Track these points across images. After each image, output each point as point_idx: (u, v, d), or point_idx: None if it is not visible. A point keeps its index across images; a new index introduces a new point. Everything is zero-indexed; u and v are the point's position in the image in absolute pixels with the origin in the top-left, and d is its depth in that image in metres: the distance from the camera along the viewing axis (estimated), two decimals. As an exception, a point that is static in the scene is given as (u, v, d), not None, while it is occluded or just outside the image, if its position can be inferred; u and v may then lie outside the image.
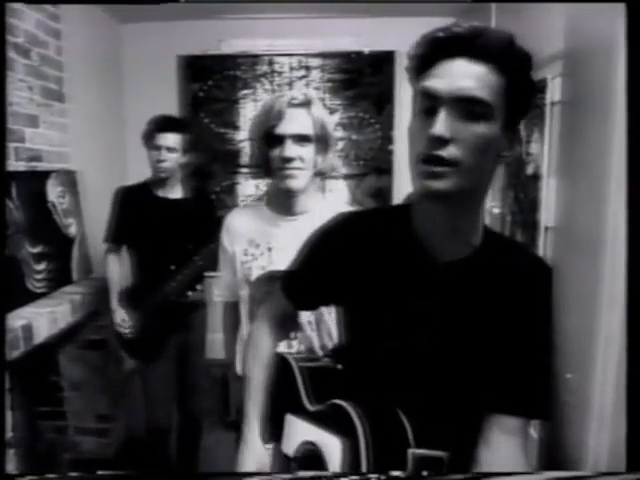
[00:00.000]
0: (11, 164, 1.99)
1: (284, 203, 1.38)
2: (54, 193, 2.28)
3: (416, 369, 0.83)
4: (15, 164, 2.03)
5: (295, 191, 1.33)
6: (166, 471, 2.22)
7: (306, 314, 1.36)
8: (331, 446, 0.82)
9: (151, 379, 2.21)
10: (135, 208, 2.18)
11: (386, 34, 3.12)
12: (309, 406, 0.94)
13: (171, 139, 2.10)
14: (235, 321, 1.49)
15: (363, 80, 3.28)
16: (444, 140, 0.71)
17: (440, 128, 0.70)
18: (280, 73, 3.30)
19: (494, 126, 0.73)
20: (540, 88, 1.88)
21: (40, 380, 2.40)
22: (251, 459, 0.99)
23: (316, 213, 1.28)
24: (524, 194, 2.15)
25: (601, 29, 1.44)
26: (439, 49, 0.73)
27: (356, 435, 0.78)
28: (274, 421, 0.99)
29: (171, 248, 2.13)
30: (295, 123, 1.29)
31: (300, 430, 0.92)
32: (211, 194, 3.20)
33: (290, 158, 1.28)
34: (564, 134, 1.77)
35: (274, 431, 0.99)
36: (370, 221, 0.92)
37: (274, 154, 1.30)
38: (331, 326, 1.38)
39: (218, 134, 3.35)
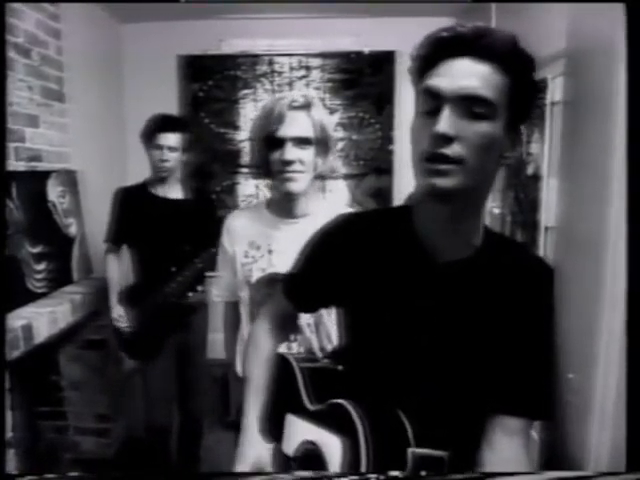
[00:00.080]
0: (11, 164, 1.99)
1: (284, 206, 1.38)
2: (54, 193, 2.28)
3: (417, 369, 0.83)
4: (15, 164, 2.03)
5: (295, 194, 1.33)
6: (166, 471, 2.22)
7: (305, 316, 1.36)
8: (331, 446, 0.81)
9: (151, 379, 2.21)
10: (135, 208, 2.18)
11: (386, 34, 3.12)
12: (309, 406, 0.94)
13: (172, 138, 2.11)
14: (235, 321, 1.49)
15: (363, 80, 3.28)
16: (448, 138, 0.71)
17: (444, 126, 0.70)
18: (280, 73, 3.30)
19: (497, 126, 0.73)
20: (540, 88, 1.88)
21: (40, 380, 2.40)
22: (251, 457, 0.98)
23: (317, 216, 1.28)
24: (524, 194, 2.14)
25: (602, 29, 1.44)
26: (443, 49, 0.73)
27: (356, 435, 0.78)
28: (274, 421, 0.99)
29: (171, 248, 2.13)
30: (295, 126, 1.29)
31: (300, 430, 0.92)
32: (211, 194, 3.20)
33: (290, 161, 1.28)
34: (566, 134, 1.77)
35: (274, 431, 0.99)
36: (371, 222, 0.92)
37: (274, 157, 1.30)
38: (330, 328, 1.38)
39: (218, 134, 3.35)
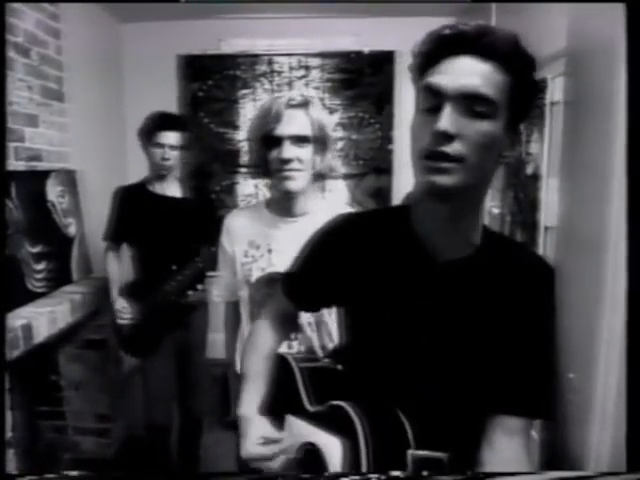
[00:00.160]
0: (11, 164, 1.99)
1: (284, 205, 1.38)
2: (54, 193, 2.28)
3: (416, 369, 0.83)
4: (15, 164, 2.03)
5: (294, 192, 1.33)
6: (166, 471, 2.22)
7: (306, 316, 1.36)
8: (331, 446, 0.81)
9: (151, 378, 2.21)
10: (134, 206, 2.18)
11: (386, 34, 3.11)
12: (309, 406, 0.94)
13: (173, 137, 2.12)
14: (235, 321, 1.49)
15: (363, 80, 3.28)
16: (449, 135, 0.70)
17: (445, 123, 0.70)
18: (280, 73, 3.29)
19: (497, 125, 0.73)
20: (540, 88, 1.88)
21: (40, 380, 2.40)
22: (256, 435, 0.96)
23: (316, 214, 1.28)
24: (524, 194, 2.14)
25: (603, 28, 1.44)
26: (444, 46, 0.73)
27: (356, 436, 0.78)
28: (274, 421, 0.99)
29: (171, 246, 2.13)
30: (293, 124, 1.29)
31: (300, 431, 0.91)
32: (211, 193, 3.20)
33: (288, 159, 1.28)
34: (566, 133, 1.77)
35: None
36: (370, 221, 0.92)
37: (272, 156, 1.30)
38: (331, 327, 1.38)
39: (217, 134, 3.35)
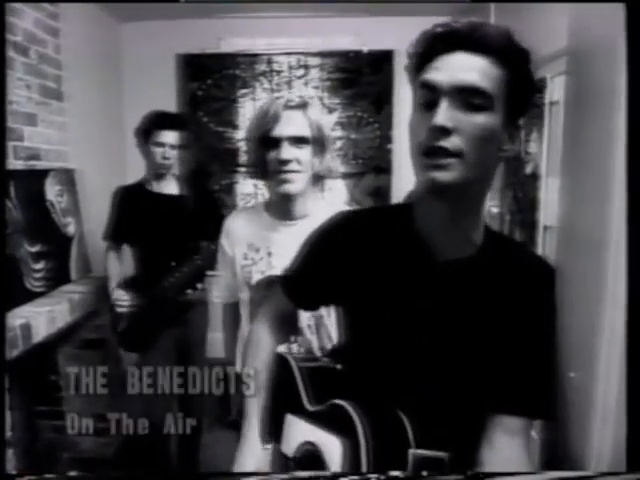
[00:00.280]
0: (10, 162, 1.98)
1: (283, 207, 1.37)
2: (52, 192, 2.28)
3: (417, 369, 0.83)
4: (14, 163, 2.02)
5: (293, 195, 1.33)
6: (166, 470, 2.22)
7: (306, 318, 1.36)
8: (331, 446, 0.81)
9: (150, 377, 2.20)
10: (133, 206, 2.19)
11: (385, 33, 3.11)
12: (309, 406, 0.94)
13: (173, 136, 2.12)
14: (235, 322, 1.49)
15: (362, 79, 3.27)
16: (446, 130, 0.71)
17: (441, 118, 0.71)
18: (279, 72, 3.29)
19: (495, 118, 0.73)
20: (539, 87, 1.88)
21: (39, 379, 2.39)
22: (250, 459, 0.98)
23: (315, 217, 1.27)
24: (523, 193, 2.14)
25: (604, 27, 1.44)
26: (438, 44, 0.74)
27: (356, 435, 0.78)
28: (274, 421, 0.99)
29: (170, 245, 2.13)
30: (291, 125, 1.28)
31: (300, 430, 0.91)
32: (212, 191, 3.20)
33: (287, 160, 1.28)
34: (566, 132, 1.76)
35: (274, 431, 0.99)
36: (370, 220, 0.92)
37: (271, 157, 1.30)
38: (331, 329, 1.38)
39: (217, 133, 3.34)
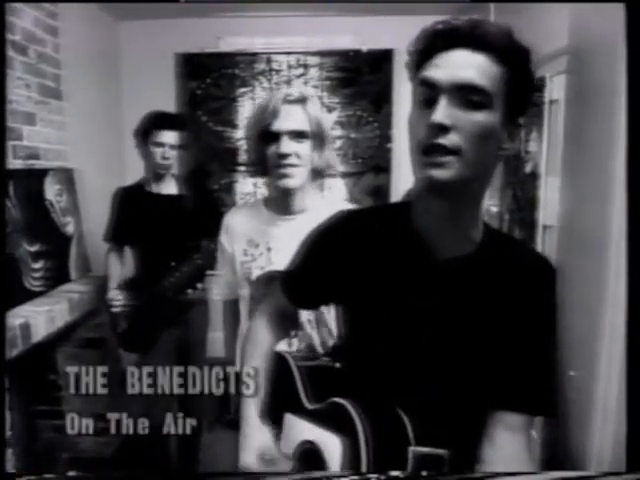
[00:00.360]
0: (9, 162, 1.98)
1: (282, 202, 1.38)
2: (52, 191, 2.27)
3: (417, 367, 0.83)
4: (13, 162, 2.02)
5: (292, 190, 1.33)
6: (165, 470, 2.21)
7: (306, 313, 1.36)
8: (331, 445, 0.81)
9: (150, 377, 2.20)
10: (133, 206, 2.19)
11: (385, 32, 3.11)
12: (308, 405, 0.94)
13: (172, 136, 2.12)
14: (235, 319, 1.49)
15: (361, 78, 3.27)
16: (445, 127, 0.71)
17: (440, 115, 0.71)
18: (278, 71, 3.28)
19: (494, 116, 0.73)
20: (539, 86, 1.88)
21: (38, 379, 2.39)
22: (255, 447, 0.97)
23: (314, 212, 1.28)
24: (522, 192, 2.14)
25: (604, 27, 1.44)
26: (438, 41, 0.74)
27: (356, 434, 0.78)
28: (273, 420, 0.99)
29: (170, 244, 2.12)
30: (290, 119, 1.29)
31: (299, 429, 0.91)
32: (211, 191, 3.20)
33: (286, 154, 1.28)
34: (567, 132, 1.76)
35: (273, 430, 0.99)
36: (370, 219, 0.92)
37: (270, 151, 1.30)
38: (331, 324, 1.38)
39: (216, 132, 3.34)
